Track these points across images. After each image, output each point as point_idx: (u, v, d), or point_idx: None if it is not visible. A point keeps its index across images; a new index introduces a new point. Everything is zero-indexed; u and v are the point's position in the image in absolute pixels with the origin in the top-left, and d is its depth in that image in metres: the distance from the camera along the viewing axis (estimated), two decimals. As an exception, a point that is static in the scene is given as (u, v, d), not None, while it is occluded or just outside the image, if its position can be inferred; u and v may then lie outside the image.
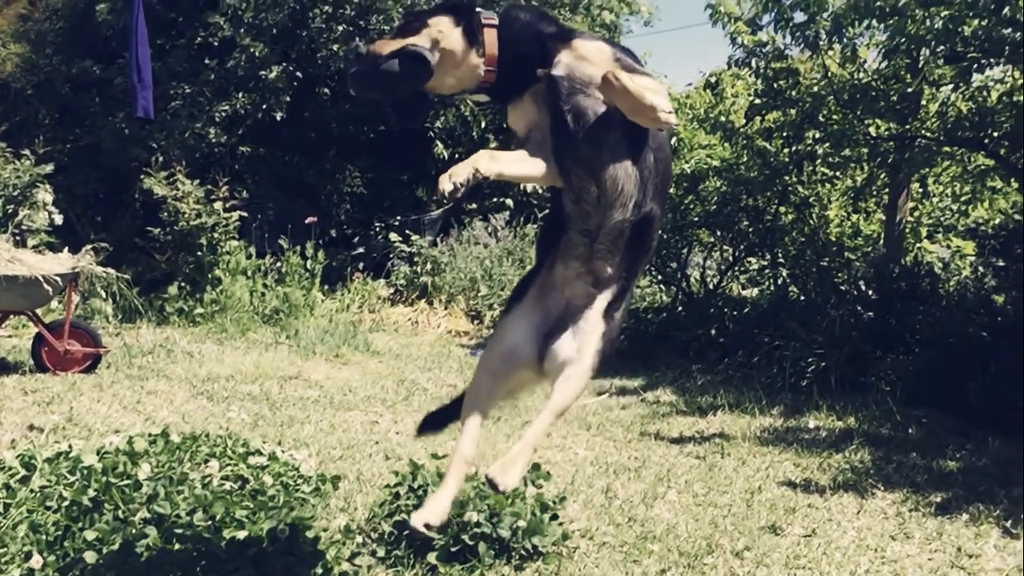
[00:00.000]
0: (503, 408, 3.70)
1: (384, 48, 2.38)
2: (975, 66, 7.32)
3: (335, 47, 11.45)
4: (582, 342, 2.42)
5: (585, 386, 2.47)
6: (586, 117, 2.32)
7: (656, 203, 2.44)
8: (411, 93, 2.45)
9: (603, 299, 2.47)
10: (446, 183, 2.15)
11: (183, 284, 9.47)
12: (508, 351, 2.51)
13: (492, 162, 2.26)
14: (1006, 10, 6.85)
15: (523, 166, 2.37)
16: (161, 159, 10.13)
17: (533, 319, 2.51)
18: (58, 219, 9.06)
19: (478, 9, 2.45)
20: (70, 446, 4.02)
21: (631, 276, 2.53)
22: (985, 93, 7.78)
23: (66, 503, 3.40)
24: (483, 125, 12.63)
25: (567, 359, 2.41)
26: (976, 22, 7.01)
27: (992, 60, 7.23)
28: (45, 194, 8.95)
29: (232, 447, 4.24)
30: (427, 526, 2.35)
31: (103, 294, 8.70)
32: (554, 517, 3.66)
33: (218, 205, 9.66)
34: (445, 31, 2.40)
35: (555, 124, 2.36)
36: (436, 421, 2.89)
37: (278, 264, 10.16)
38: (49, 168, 9.13)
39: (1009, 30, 6.89)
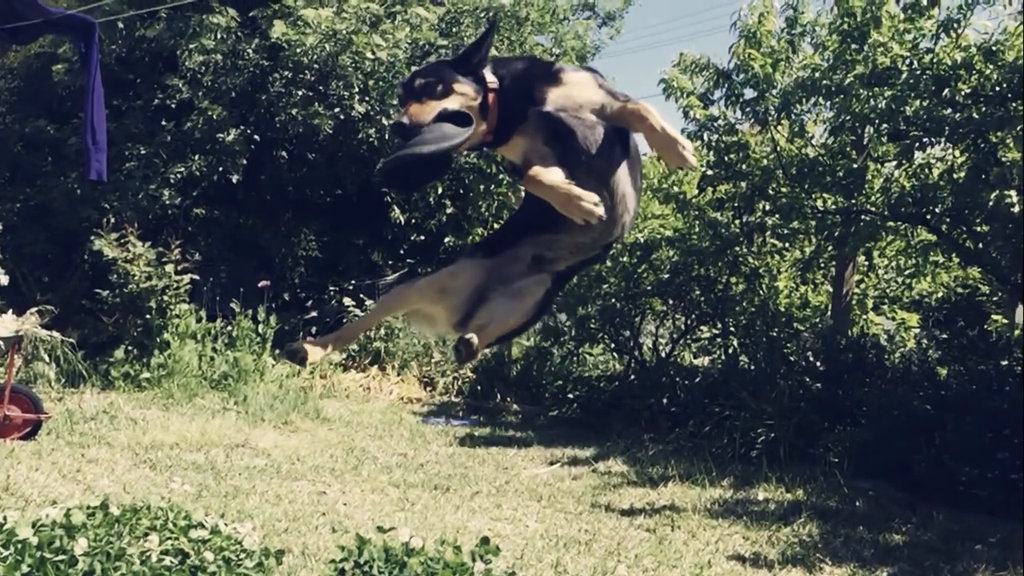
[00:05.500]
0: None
1: (423, 114, 2.34)
2: (917, 144, 7.59)
3: (294, 111, 11.49)
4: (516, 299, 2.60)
5: (520, 324, 2.67)
6: (593, 134, 2.41)
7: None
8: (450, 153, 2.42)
9: (546, 283, 2.65)
10: (596, 208, 2.27)
11: (130, 348, 9.30)
12: (445, 291, 2.65)
13: (546, 174, 2.34)
14: (946, 92, 7.14)
15: (553, 175, 2.37)
16: (113, 220, 10.02)
17: (479, 280, 2.63)
18: (4, 279, 8.86)
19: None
20: (4, 518, 3.88)
21: (568, 277, 2.81)
22: (927, 170, 8.04)
23: (-3, 579, 3.29)
24: (440, 191, 12.70)
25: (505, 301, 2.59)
26: (917, 103, 7.30)
27: (933, 139, 7.50)
28: (-9, 254, 8.80)
29: (173, 520, 4.13)
30: (301, 358, 2.57)
31: (47, 358, 8.50)
32: (502, 594, 3.61)
33: (169, 267, 9.55)
34: (469, 98, 2.41)
35: (559, 146, 2.40)
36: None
37: (229, 328, 10.03)
38: (-3, 228, 9.01)
39: (949, 111, 7.16)
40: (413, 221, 12.83)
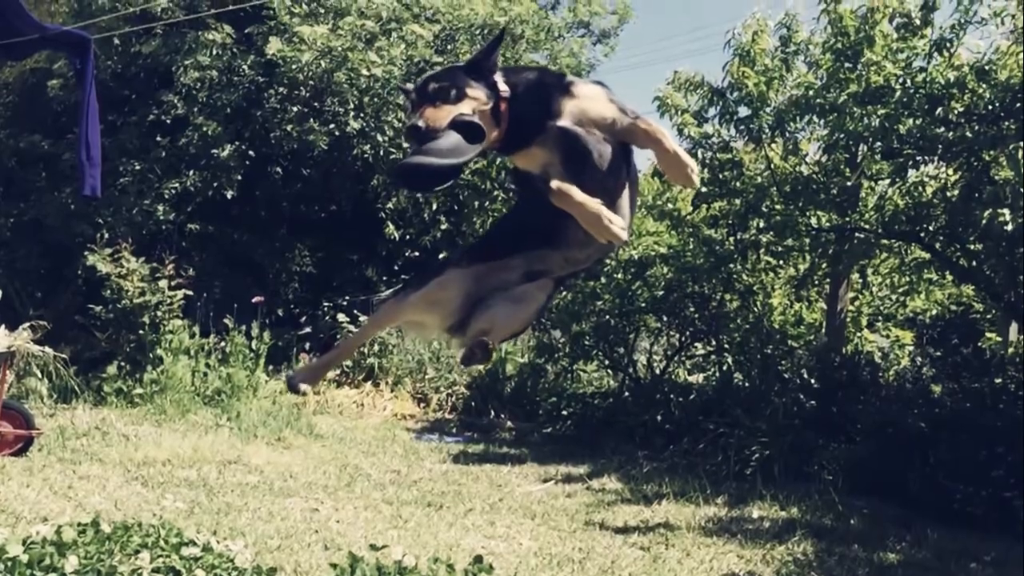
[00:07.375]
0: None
1: (438, 119, 2.32)
2: (910, 162, 7.61)
3: (289, 127, 11.51)
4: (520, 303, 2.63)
5: (522, 328, 2.76)
6: (606, 152, 2.40)
7: None
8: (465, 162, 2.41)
9: (547, 288, 2.68)
10: (622, 232, 2.29)
11: (123, 363, 9.23)
12: (437, 302, 2.66)
13: (576, 190, 2.34)
14: (939, 111, 7.17)
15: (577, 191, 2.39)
16: (107, 236, 9.99)
17: (469, 288, 2.63)
18: (-4, 294, 8.88)
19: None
20: (-6, 535, 3.86)
21: (565, 281, 2.87)
22: (920, 188, 8.07)
23: (-14, 598, 3.26)
24: (435, 207, 12.72)
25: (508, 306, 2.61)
26: (911, 121, 7.34)
27: (926, 157, 7.53)
28: (-16, 269, 8.79)
29: (165, 537, 4.09)
30: (303, 392, 2.71)
31: (39, 373, 8.47)
32: (495, 613, 3.59)
33: (163, 283, 9.50)
34: (481, 102, 2.40)
35: (576, 164, 2.39)
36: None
37: (222, 344, 9.98)
38: (-9, 243, 9.00)
39: (942, 129, 7.19)
40: (407, 237, 12.83)
